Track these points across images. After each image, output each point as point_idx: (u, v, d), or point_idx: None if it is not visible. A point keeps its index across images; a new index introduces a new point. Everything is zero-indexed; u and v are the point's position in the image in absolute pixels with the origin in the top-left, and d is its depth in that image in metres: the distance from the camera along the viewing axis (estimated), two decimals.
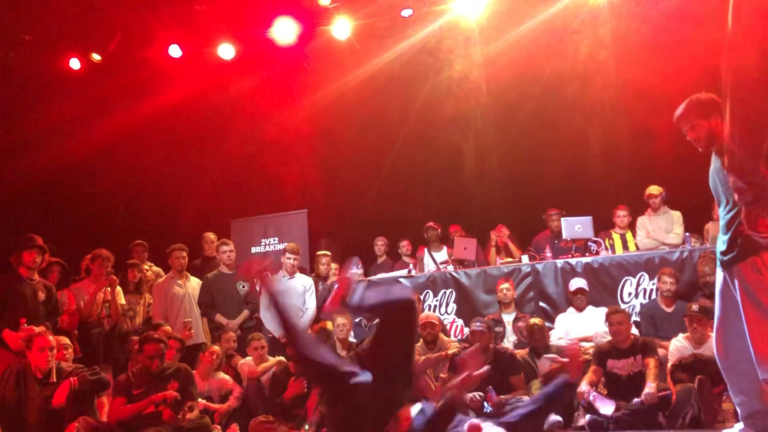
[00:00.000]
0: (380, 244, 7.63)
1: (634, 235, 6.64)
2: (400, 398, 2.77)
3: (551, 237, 6.97)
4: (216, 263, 6.56)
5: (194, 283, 6.37)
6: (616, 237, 6.70)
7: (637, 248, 6.44)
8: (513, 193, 8.09)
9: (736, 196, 2.59)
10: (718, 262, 3.30)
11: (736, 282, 3.15)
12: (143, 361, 4.78)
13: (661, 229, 6.49)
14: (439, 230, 7.30)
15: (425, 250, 7.33)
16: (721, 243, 3.24)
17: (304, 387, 5.13)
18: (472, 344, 5.15)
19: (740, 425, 3.34)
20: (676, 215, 6.50)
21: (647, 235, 6.50)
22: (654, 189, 6.54)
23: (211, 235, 7.07)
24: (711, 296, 4.98)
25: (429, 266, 7.10)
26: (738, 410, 3.35)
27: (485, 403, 4.82)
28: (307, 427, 4.90)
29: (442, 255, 7.18)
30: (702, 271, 5.42)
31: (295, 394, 5.12)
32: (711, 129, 3.26)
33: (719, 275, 3.32)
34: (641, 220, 6.62)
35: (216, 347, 5.59)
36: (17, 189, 8.18)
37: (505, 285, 5.98)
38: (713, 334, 3.41)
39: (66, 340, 5.18)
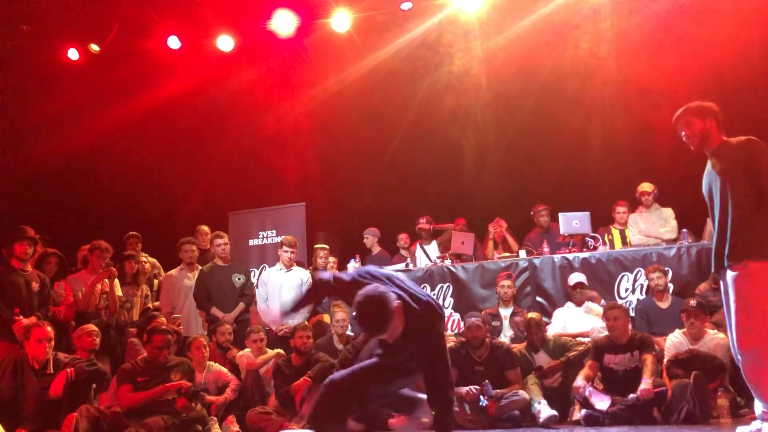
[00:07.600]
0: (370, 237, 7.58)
1: None
2: None
3: (541, 234, 6.93)
4: (211, 256, 6.55)
5: None
6: (616, 233, 6.70)
7: (631, 245, 6.44)
8: (512, 189, 8.07)
9: None
10: (713, 265, 3.44)
11: (726, 282, 3.32)
12: (151, 352, 4.81)
13: (654, 225, 6.50)
14: (431, 227, 7.28)
15: (418, 245, 7.34)
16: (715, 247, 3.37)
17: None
18: (468, 338, 5.15)
19: (757, 422, 3.36)
20: (668, 211, 6.52)
21: (638, 232, 6.51)
22: (646, 186, 6.54)
23: (206, 228, 7.06)
24: None
25: (421, 261, 7.11)
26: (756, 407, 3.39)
27: (481, 397, 4.83)
28: None
29: (432, 248, 7.19)
30: None
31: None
32: (705, 128, 3.47)
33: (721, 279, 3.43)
34: (633, 218, 6.63)
35: (201, 338, 5.56)
36: (15, 180, 8.16)
37: (507, 282, 5.92)
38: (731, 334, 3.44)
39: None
